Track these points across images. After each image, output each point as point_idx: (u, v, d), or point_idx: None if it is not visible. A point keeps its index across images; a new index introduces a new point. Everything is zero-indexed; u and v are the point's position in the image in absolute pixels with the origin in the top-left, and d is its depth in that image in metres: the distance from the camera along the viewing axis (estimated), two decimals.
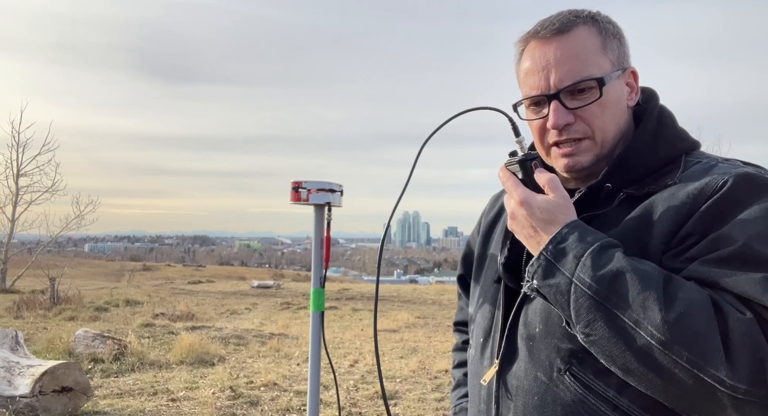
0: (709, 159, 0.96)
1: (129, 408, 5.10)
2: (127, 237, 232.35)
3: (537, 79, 1.00)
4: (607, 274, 0.80)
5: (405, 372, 6.85)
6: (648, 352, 0.76)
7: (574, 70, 0.97)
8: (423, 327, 10.97)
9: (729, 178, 0.86)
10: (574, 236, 0.86)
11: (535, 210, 0.91)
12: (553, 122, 0.97)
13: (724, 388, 0.72)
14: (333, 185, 1.55)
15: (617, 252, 0.83)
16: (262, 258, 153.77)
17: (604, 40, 1.00)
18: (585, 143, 0.99)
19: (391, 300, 16.18)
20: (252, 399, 5.43)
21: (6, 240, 18.88)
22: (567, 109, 0.97)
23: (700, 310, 0.75)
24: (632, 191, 0.95)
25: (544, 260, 0.87)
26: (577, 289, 0.82)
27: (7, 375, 4.87)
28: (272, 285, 20.90)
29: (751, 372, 0.72)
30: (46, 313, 11.17)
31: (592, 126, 0.98)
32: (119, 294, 15.40)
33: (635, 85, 1.04)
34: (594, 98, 0.97)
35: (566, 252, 0.85)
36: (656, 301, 0.76)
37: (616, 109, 1.00)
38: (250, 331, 9.51)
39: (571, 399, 0.89)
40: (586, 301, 0.81)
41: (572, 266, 0.83)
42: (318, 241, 1.57)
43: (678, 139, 1.01)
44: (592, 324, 0.81)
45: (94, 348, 7.11)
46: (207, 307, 13.91)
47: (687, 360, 0.73)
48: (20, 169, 19.03)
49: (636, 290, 0.78)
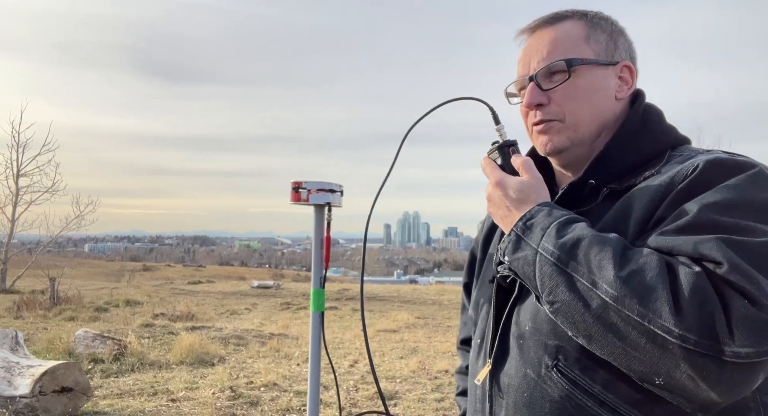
0: (691, 151, 0.98)
1: (129, 409, 5.10)
2: (127, 238, 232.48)
3: (522, 66, 1.07)
4: (569, 241, 0.84)
5: (405, 372, 6.85)
6: (604, 311, 0.78)
7: (552, 53, 1.02)
8: (423, 328, 10.97)
9: (699, 162, 0.88)
10: (543, 213, 0.91)
11: (509, 190, 0.96)
12: (525, 101, 1.03)
13: (673, 338, 0.72)
14: (333, 185, 1.55)
15: (581, 223, 0.87)
16: (262, 258, 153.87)
17: (589, 32, 1.04)
18: (556, 124, 1.02)
19: (391, 301, 16.18)
20: (252, 400, 5.43)
21: (6, 240, 18.88)
22: (542, 90, 1.02)
23: (651, 267, 0.77)
24: (615, 186, 0.97)
25: (514, 236, 0.92)
26: (541, 258, 0.86)
27: (7, 375, 4.87)
28: (272, 285, 20.89)
29: (699, 322, 0.72)
30: (46, 313, 11.17)
31: (563, 107, 1.01)
32: (119, 295, 15.40)
33: (630, 80, 1.06)
34: (562, 80, 1.00)
35: (534, 226, 0.90)
36: (610, 260, 0.79)
37: (593, 96, 1.02)
38: (250, 331, 9.52)
39: (558, 395, 0.90)
40: (549, 268, 0.85)
41: (538, 237, 0.88)
42: (318, 241, 1.57)
43: (663, 133, 1.03)
44: (554, 291, 0.84)
45: (94, 349, 7.11)
46: (207, 307, 13.92)
47: (638, 312, 0.75)
48: (20, 169, 19.03)
49: (593, 253, 0.81)
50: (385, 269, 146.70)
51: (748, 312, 0.72)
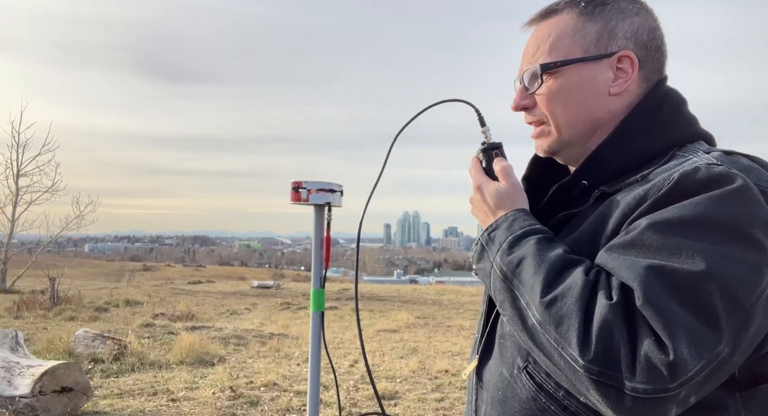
0: (694, 152, 0.90)
1: (129, 408, 5.10)
2: (127, 238, 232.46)
3: (518, 68, 1.07)
4: (515, 259, 0.87)
5: (405, 372, 6.85)
6: (534, 331, 0.81)
7: (533, 56, 1.02)
8: (423, 328, 10.97)
9: (675, 175, 0.82)
10: (506, 224, 0.94)
11: (486, 195, 0.99)
12: (512, 105, 1.05)
13: (579, 367, 0.74)
14: (333, 185, 1.55)
15: (533, 238, 0.89)
16: (262, 258, 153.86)
17: (578, 25, 0.98)
18: (541, 128, 1.03)
19: (391, 300, 16.18)
20: (252, 400, 5.43)
21: (6, 240, 18.87)
22: (529, 92, 1.02)
23: (572, 294, 0.78)
24: (606, 188, 0.93)
25: (479, 245, 0.96)
26: (494, 272, 0.90)
27: (7, 375, 4.87)
28: (272, 285, 20.89)
29: (604, 354, 0.73)
30: (46, 313, 11.16)
31: (546, 110, 1.01)
32: (119, 295, 15.39)
33: (629, 71, 0.96)
34: (536, 86, 1.00)
35: (495, 238, 0.93)
36: (540, 283, 0.81)
37: (576, 96, 0.97)
38: (250, 331, 9.51)
39: (525, 397, 0.93)
40: (499, 283, 0.88)
41: (495, 251, 0.91)
42: (318, 241, 1.57)
43: (672, 129, 0.95)
44: (503, 305, 0.88)
45: (94, 349, 7.11)
46: (207, 307, 13.91)
47: (554, 339, 0.77)
48: (20, 169, 19.02)
49: (530, 273, 0.83)
50: (385, 269, 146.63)
51: (651, 350, 0.71)
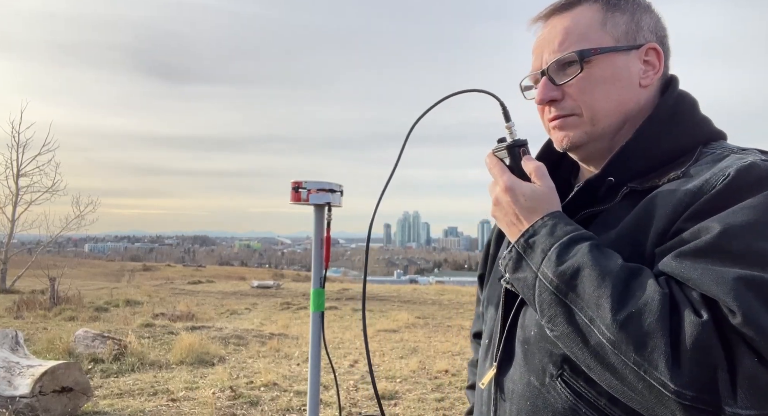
0: (724, 149, 0.89)
1: (129, 408, 5.10)
2: (127, 238, 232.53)
3: (535, 58, 1.01)
4: (568, 270, 0.79)
5: (405, 372, 6.85)
6: (601, 351, 0.74)
7: (563, 44, 0.95)
8: (423, 328, 10.97)
9: (731, 170, 0.79)
10: (545, 229, 0.86)
11: (520, 197, 0.90)
12: (537, 98, 0.98)
13: (669, 393, 0.68)
14: (333, 185, 1.55)
15: (584, 246, 0.81)
16: (262, 258, 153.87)
17: (606, 14, 0.96)
18: (572, 119, 0.96)
19: (391, 300, 16.17)
20: (252, 399, 5.43)
21: (6, 240, 18.88)
22: (555, 84, 0.96)
23: (652, 310, 0.71)
24: (635, 185, 0.89)
25: (515, 253, 0.88)
26: (540, 284, 0.82)
27: (7, 375, 4.87)
28: (272, 285, 20.89)
29: (699, 378, 0.67)
30: (46, 313, 11.17)
31: (579, 102, 0.95)
32: (119, 295, 15.40)
33: (657, 63, 0.96)
34: (575, 73, 0.94)
35: (535, 246, 0.85)
36: (609, 299, 0.74)
37: (612, 86, 0.94)
38: (250, 331, 9.51)
39: (561, 406, 0.86)
40: (548, 297, 0.81)
41: (539, 260, 0.83)
42: (318, 241, 1.57)
43: (694, 127, 0.94)
44: (553, 320, 0.80)
45: (94, 349, 7.11)
46: (207, 307, 13.91)
47: (633, 361, 0.71)
48: (20, 169, 19.04)
49: (592, 287, 0.76)
50: (385, 269, 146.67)
51: (757, 372, 0.66)
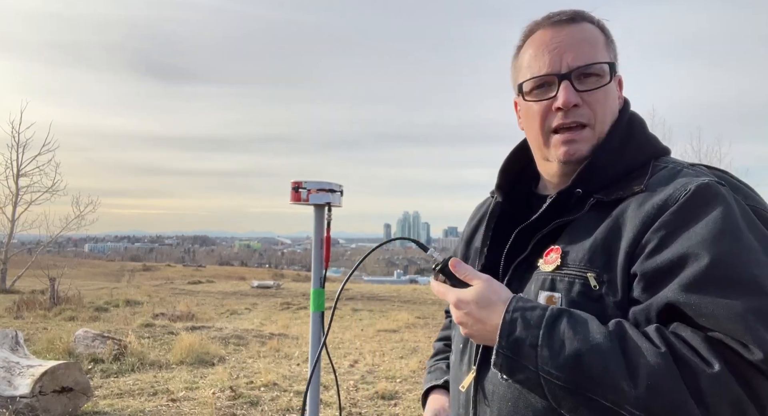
0: (675, 164, 0.98)
1: (129, 409, 5.09)
2: (127, 238, 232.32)
3: (548, 60, 1.00)
4: (568, 362, 0.80)
5: (405, 372, 6.84)
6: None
7: (588, 53, 0.99)
8: (423, 327, 10.96)
9: (692, 187, 0.88)
10: (519, 323, 0.86)
11: (471, 303, 0.92)
12: (564, 100, 0.98)
13: None
14: (333, 185, 1.55)
15: (563, 325, 0.83)
16: (262, 258, 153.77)
17: (605, 38, 1.04)
18: (586, 132, 1.00)
19: (391, 300, 16.17)
20: (252, 399, 5.43)
21: (6, 240, 18.87)
22: (577, 90, 0.99)
23: (666, 377, 0.75)
24: (602, 196, 0.96)
25: (504, 357, 0.86)
26: (547, 381, 0.82)
27: (7, 375, 4.87)
28: (272, 285, 20.88)
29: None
30: (46, 313, 11.16)
31: (596, 112, 0.99)
32: (119, 295, 15.39)
33: (620, 92, 1.07)
34: (604, 83, 0.99)
35: (520, 344, 0.85)
36: (622, 379, 0.77)
37: (613, 104, 1.03)
38: (250, 331, 9.51)
39: (542, 406, 0.90)
40: (560, 391, 0.82)
41: (533, 358, 0.83)
42: (318, 241, 1.57)
43: (647, 144, 1.03)
44: (577, 410, 0.82)
45: (94, 349, 7.11)
46: (207, 307, 13.90)
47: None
48: (20, 169, 19.03)
49: (599, 370, 0.78)
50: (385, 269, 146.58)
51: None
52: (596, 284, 0.89)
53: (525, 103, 1.06)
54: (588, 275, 0.91)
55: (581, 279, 0.91)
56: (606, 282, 0.89)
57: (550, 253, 0.97)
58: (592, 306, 0.89)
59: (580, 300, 0.90)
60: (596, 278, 0.90)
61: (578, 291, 0.91)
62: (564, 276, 0.94)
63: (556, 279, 0.94)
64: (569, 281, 0.92)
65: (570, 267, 0.93)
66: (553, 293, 0.94)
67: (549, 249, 0.98)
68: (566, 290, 0.92)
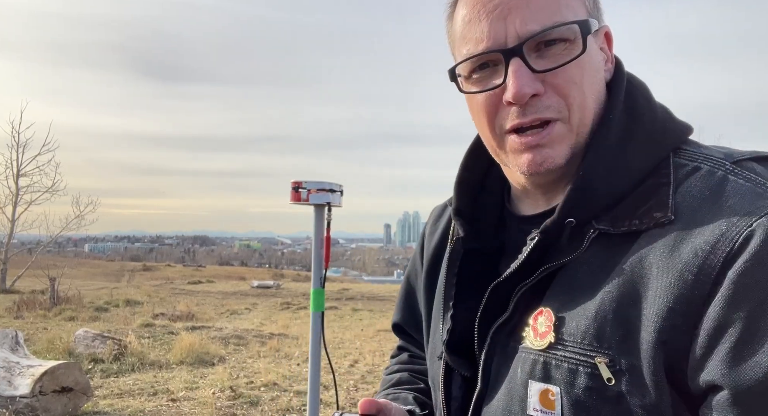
0: (707, 160, 0.65)
1: (129, 408, 5.10)
2: (127, 238, 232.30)
3: (485, 29, 0.66)
4: None
5: None
6: None
7: (547, 10, 0.65)
8: None
9: (755, 230, 0.56)
10: None
11: None
12: (515, 91, 0.65)
13: None
14: (333, 185, 1.55)
15: None
16: (262, 258, 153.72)
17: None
18: (558, 128, 0.67)
19: (391, 300, 16.17)
20: (252, 399, 5.43)
21: (6, 240, 18.88)
22: (534, 71, 0.65)
23: None
24: (606, 227, 0.65)
25: None
26: None
27: (7, 375, 4.87)
28: (272, 285, 20.90)
29: None
30: (46, 313, 11.17)
31: (568, 98, 0.66)
32: (119, 295, 15.39)
33: (609, 52, 0.74)
34: (575, 53, 0.65)
35: None
36: None
37: (595, 79, 0.69)
38: (250, 331, 9.51)
39: None
40: None
41: None
42: (318, 241, 1.57)
43: (660, 131, 0.69)
44: None
45: (94, 349, 7.11)
46: (207, 307, 13.91)
47: None
48: (20, 169, 19.05)
49: None
50: (385, 269, 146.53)
51: None
52: (610, 376, 0.59)
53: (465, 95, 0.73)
54: (597, 360, 0.60)
55: (587, 366, 0.61)
56: (625, 371, 0.59)
57: (540, 317, 0.67)
58: (608, 410, 0.60)
59: (587, 401, 0.61)
60: (609, 365, 0.60)
61: (585, 386, 0.61)
62: (561, 359, 0.63)
63: (550, 363, 0.64)
64: (569, 368, 0.62)
65: (568, 345, 0.63)
66: (548, 386, 0.64)
67: (537, 311, 0.67)
68: (567, 382, 0.62)
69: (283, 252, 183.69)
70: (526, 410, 0.65)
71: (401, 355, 1.11)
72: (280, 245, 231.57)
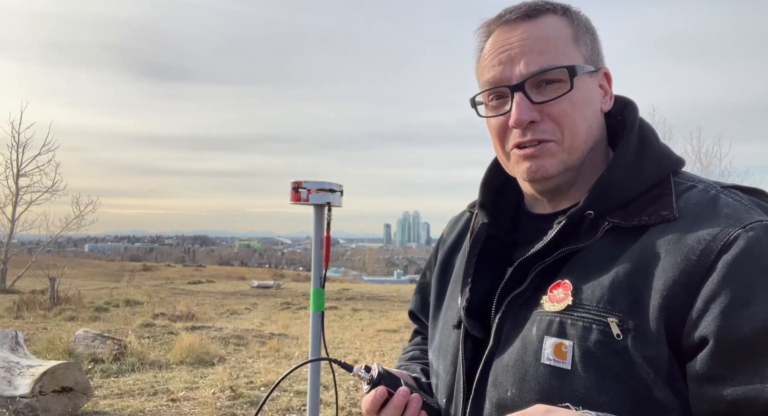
0: (701, 183, 0.83)
1: (129, 408, 5.10)
2: (127, 238, 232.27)
3: (499, 69, 0.86)
4: None
5: None
6: None
7: (543, 57, 0.83)
8: None
9: (744, 232, 0.72)
10: None
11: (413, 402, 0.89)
12: (515, 118, 0.83)
13: None
14: (333, 185, 1.55)
15: None
16: (262, 258, 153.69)
17: (576, 31, 0.87)
18: (551, 146, 0.85)
19: (391, 300, 16.16)
20: (252, 399, 5.43)
21: (6, 240, 18.88)
22: (533, 103, 0.84)
23: None
24: (619, 221, 0.81)
25: None
26: None
27: (7, 375, 4.87)
28: (272, 285, 20.91)
29: None
30: (46, 313, 11.17)
31: (562, 125, 0.84)
32: (119, 295, 15.40)
33: (609, 89, 0.91)
34: (564, 90, 0.83)
35: None
36: None
37: (588, 110, 0.87)
38: (250, 331, 9.51)
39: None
40: None
41: None
42: (318, 241, 1.57)
43: (663, 156, 0.87)
44: None
45: (94, 349, 7.11)
46: (207, 307, 13.91)
47: None
48: (20, 169, 19.05)
49: None
50: (385, 269, 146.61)
51: None
52: (619, 332, 0.73)
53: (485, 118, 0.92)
54: (609, 320, 0.74)
55: (600, 325, 0.74)
56: (631, 330, 0.73)
57: (557, 288, 0.81)
58: (613, 360, 0.73)
59: (597, 352, 0.74)
60: (619, 325, 0.73)
61: (596, 340, 0.74)
62: (577, 319, 0.77)
63: (566, 322, 0.77)
64: (584, 326, 0.76)
65: (584, 308, 0.77)
66: (562, 340, 0.77)
67: (555, 283, 0.82)
68: (580, 337, 0.75)
69: (283, 252, 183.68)
70: (540, 360, 0.78)
71: (416, 338, 1.32)
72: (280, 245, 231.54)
